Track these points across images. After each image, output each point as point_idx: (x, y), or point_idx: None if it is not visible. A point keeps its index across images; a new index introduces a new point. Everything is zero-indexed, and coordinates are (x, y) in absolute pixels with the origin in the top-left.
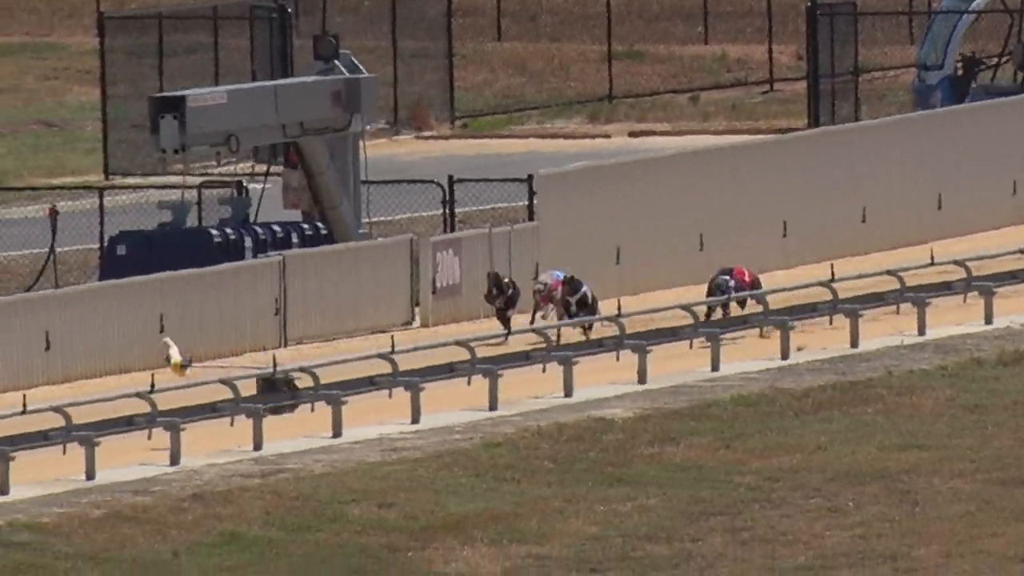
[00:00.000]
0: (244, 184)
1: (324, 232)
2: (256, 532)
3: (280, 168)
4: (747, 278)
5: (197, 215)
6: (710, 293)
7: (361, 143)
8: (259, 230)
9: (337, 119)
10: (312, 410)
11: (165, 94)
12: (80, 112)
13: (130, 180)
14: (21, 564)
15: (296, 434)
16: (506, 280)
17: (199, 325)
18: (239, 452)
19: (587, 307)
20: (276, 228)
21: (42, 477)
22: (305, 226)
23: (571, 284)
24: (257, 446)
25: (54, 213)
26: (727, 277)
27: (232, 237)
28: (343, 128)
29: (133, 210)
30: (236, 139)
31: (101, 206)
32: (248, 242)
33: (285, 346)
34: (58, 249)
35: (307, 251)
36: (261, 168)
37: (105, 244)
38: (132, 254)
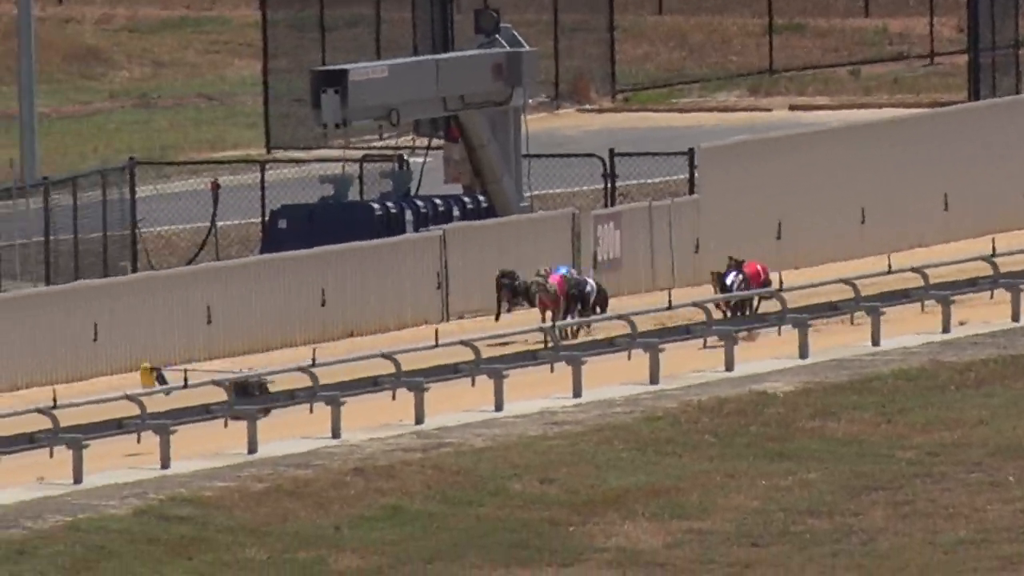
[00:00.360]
0: (405, 158)
1: (485, 206)
2: (417, 506)
3: (441, 142)
4: (761, 275)
5: (358, 189)
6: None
7: (522, 117)
8: (420, 204)
9: (498, 93)
10: (473, 384)
11: (327, 68)
12: (241, 86)
13: (291, 154)
14: (183, 538)
15: (458, 408)
16: (518, 281)
17: (360, 299)
18: (400, 426)
19: (588, 308)
20: (437, 202)
21: (204, 451)
22: (466, 200)
23: (576, 286)
24: (418, 420)
25: (216, 187)
26: (733, 273)
27: (393, 211)
28: (504, 102)
29: (294, 184)
30: (397, 113)
31: (262, 180)
32: (409, 216)
33: (447, 320)
34: (219, 223)
35: (468, 225)
36: (422, 142)
37: (266, 218)
38: (293, 228)
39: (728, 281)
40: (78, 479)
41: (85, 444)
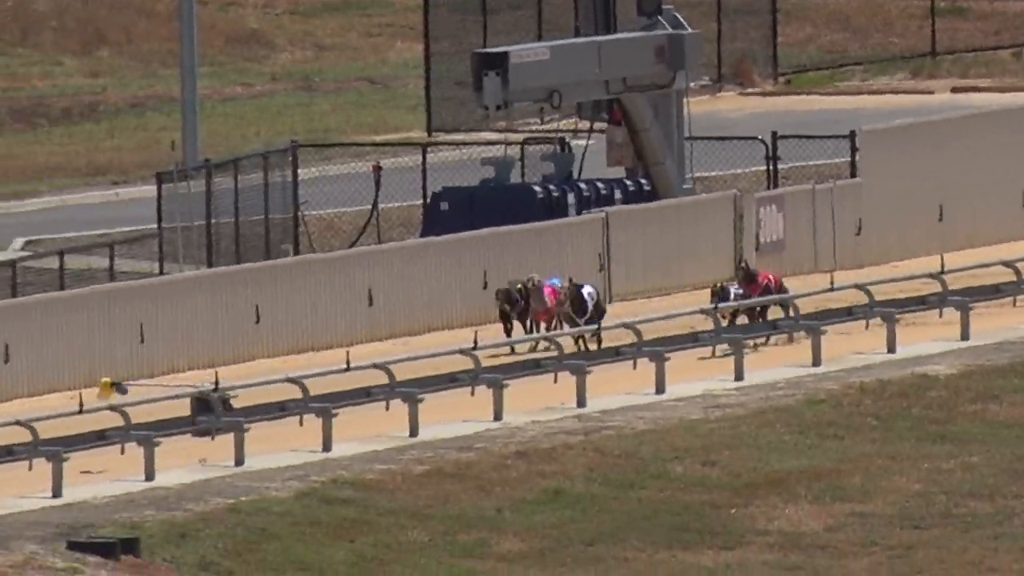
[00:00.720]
0: (567, 140)
1: (647, 188)
2: (579, 489)
3: (604, 125)
4: (773, 283)
5: (520, 171)
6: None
7: (684, 99)
8: (582, 186)
9: (660, 75)
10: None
11: (488, 50)
12: (403, 69)
13: (453, 136)
14: (345, 520)
15: (619, 391)
16: (519, 286)
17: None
18: (562, 409)
19: (588, 317)
20: (599, 184)
21: (365, 434)
22: (628, 182)
23: (576, 297)
24: (580, 403)
25: (377, 169)
26: (734, 287)
27: (555, 193)
28: (666, 84)
29: (456, 166)
30: (559, 95)
31: (424, 162)
32: (571, 198)
33: (610, 301)
34: (381, 205)
35: (630, 207)
36: (584, 124)
37: (428, 200)
38: (455, 210)
39: (732, 295)
40: (240, 461)
41: (246, 428)
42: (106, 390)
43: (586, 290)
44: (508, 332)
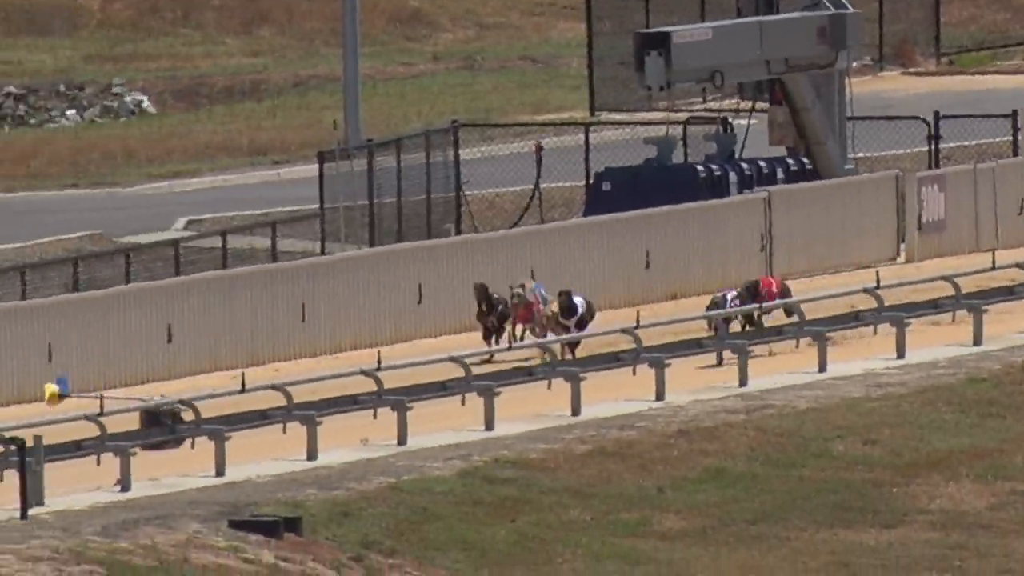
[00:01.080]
0: (729, 120)
1: (809, 168)
2: (741, 468)
3: (765, 104)
4: (775, 288)
5: (682, 151)
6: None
7: (846, 79)
8: (744, 166)
9: (822, 55)
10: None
11: (650, 30)
12: (565, 48)
13: (615, 116)
14: (506, 499)
15: (781, 370)
16: (496, 295)
17: (683, 260)
18: (724, 388)
19: (581, 324)
20: (761, 164)
21: (527, 413)
22: (790, 162)
23: (567, 306)
24: (742, 382)
25: (539, 149)
26: (724, 293)
27: (717, 173)
28: (828, 64)
29: (618, 146)
30: (721, 75)
31: (586, 142)
32: (733, 178)
33: None
34: (543, 185)
35: (792, 187)
36: (746, 104)
37: (590, 180)
38: (617, 190)
39: (728, 300)
40: (402, 441)
41: (409, 406)
42: (52, 399)
43: (577, 299)
44: (488, 335)
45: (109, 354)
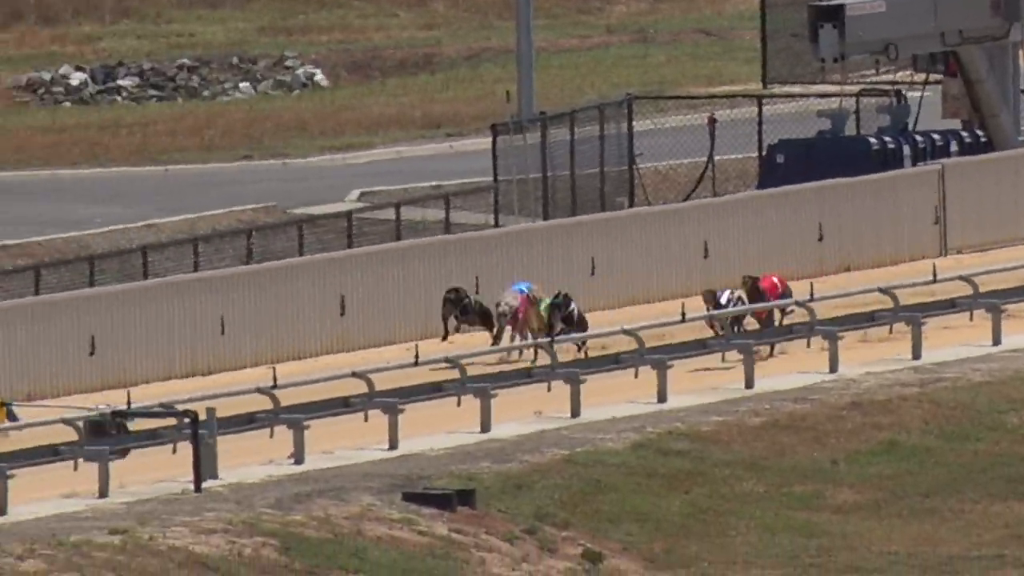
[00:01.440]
0: (903, 92)
1: (983, 140)
2: (914, 441)
3: (939, 77)
4: (778, 287)
5: (855, 123)
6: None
7: (1020, 51)
8: (918, 138)
9: (996, 28)
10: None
11: (824, 3)
12: (739, 20)
13: (788, 89)
14: (680, 471)
15: (955, 342)
16: (467, 299)
17: (856, 233)
18: (897, 361)
19: (577, 324)
20: (935, 136)
21: (700, 386)
22: (964, 134)
23: (561, 305)
24: (916, 355)
25: (712, 122)
26: (728, 292)
27: (890, 145)
28: (1002, 36)
29: (791, 118)
30: (895, 47)
31: (760, 114)
32: (906, 150)
33: (945, 255)
34: (716, 157)
35: (966, 159)
36: (920, 76)
37: (764, 152)
38: (791, 162)
39: (723, 300)
40: (575, 413)
41: (582, 379)
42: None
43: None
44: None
45: (281, 326)
